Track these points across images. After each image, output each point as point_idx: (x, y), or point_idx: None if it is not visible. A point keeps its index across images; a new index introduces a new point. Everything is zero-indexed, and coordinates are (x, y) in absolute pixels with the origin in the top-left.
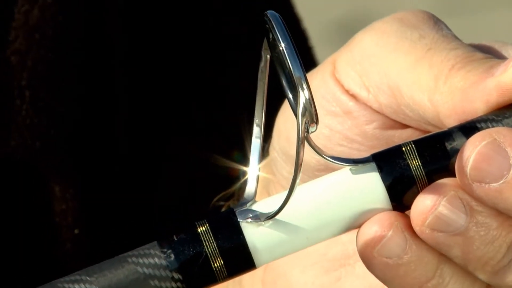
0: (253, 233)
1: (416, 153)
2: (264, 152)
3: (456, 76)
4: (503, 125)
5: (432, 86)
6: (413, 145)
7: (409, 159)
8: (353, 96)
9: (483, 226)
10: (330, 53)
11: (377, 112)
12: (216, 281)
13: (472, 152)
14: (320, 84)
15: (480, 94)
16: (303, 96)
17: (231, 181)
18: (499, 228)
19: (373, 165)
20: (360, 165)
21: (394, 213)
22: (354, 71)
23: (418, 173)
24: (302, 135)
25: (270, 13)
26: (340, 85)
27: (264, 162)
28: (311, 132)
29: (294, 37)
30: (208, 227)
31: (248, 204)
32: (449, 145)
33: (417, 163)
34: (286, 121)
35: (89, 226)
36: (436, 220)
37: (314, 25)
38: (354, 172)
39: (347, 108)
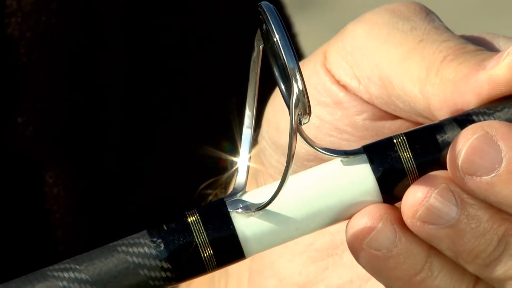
0: (243, 224)
1: (407, 145)
2: (252, 141)
3: (447, 68)
4: (495, 118)
5: (423, 78)
6: (404, 137)
7: (400, 151)
8: (344, 87)
9: (474, 219)
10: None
11: (368, 103)
12: (205, 270)
13: (464, 145)
14: (311, 74)
15: (471, 87)
16: (296, 87)
17: (221, 171)
18: (490, 220)
19: (364, 157)
20: (351, 157)
21: (384, 205)
22: (345, 62)
23: (409, 165)
24: (295, 126)
25: (264, 4)
26: (331, 75)
27: (253, 151)
28: (304, 124)
29: None
30: (198, 217)
31: (238, 194)
32: (440, 138)
33: (408, 155)
34: (276, 111)
35: (81, 213)
36: (427, 212)
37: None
38: (345, 164)
39: (337, 99)
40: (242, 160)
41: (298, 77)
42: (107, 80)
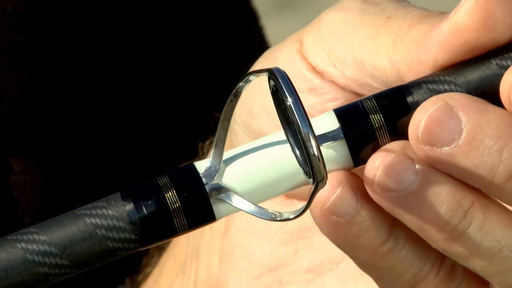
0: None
1: (376, 106)
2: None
3: (412, 32)
4: (459, 82)
5: (391, 48)
6: (373, 100)
7: (370, 113)
8: (320, 73)
9: (435, 188)
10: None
11: (343, 89)
12: (177, 233)
13: (424, 115)
14: (286, 60)
15: (435, 40)
16: (312, 152)
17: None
18: (453, 191)
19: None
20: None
21: (346, 172)
22: (321, 49)
23: (378, 126)
24: (312, 191)
25: (275, 69)
26: (307, 62)
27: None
28: (321, 188)
29: (244, 16)
30: (169, 181)
31: (210, 159)
32: (409, 99)
33: (378, 117)
34: (250, 95)
35: (49, 201)
36: (385, 177)
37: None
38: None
39: (312, 85)
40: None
41: (313, 143)
42: (79, 68)
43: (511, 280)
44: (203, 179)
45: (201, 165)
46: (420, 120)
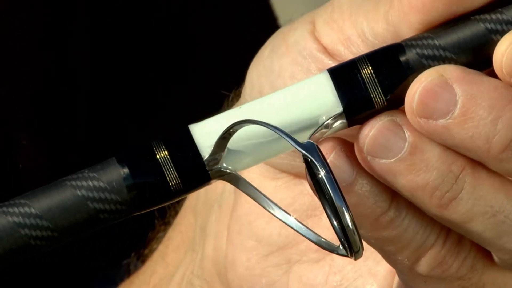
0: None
1: (368, 63)
2: (229, 101)
3: None
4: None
5: (387, 9)
6: (366, 59)
7: (363, 72)
8: (331, 54)
9: (424, 152)
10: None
11: None
12: (172, 196)
13: (418, 88)
14: (298, 40)
15: None
16: (346, 225)
17: None
18: (443, 156)
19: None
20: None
21: (339, 139)
22: (332, 30)
23: (370, 82)
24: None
25: (307, 144)
26: (320, 43)
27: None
28: (358, 258)
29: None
30: (163, 144)
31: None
32: (402, 58)
33: (369, 72)
34: (260, 75)
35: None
36: (373, 144)
37: None
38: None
39: (323, 66)
40: None
41: (346, 215)
42: (77, 59)
43: (507, 245)
44: (197, 144)
45: (196, 128)
46: (414, 93)
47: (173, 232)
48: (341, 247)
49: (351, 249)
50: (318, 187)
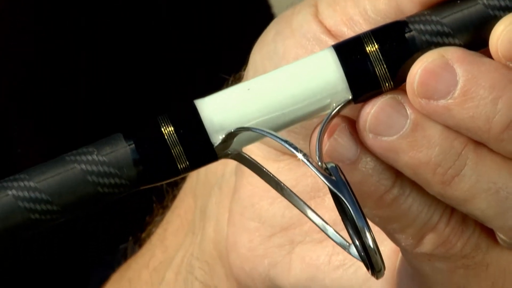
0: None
1: (374, 41)
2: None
3: None
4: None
5: None
6: (371, 34)
7: (368, 47)
8: (334, 36)
9: (427, 131)
10: None
11: None
12: (179, 173)
13: (419, 68)
14: (301, 23)
15: None
16: (368, 245)
17: None
18: (443, 133)
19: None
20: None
21: (343, 117)
22: (335, 11)
23: (376, 59)
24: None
25: (330, 167)
26: (323, 26)
27: None
28: (380, 278)
29: None
30: (169, 119)
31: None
32: (408, 35)
33: (374, 48)
34: (263, 58)
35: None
36: (375, 122)
37: None
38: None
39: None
40: None
41: (368, 236)
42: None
43: (510, 223)
44: (204, 121)
45: (203, 104)
46: (415, 74)
47: (172, 215)
48: (353, 248)
49: (373, 268)
50: (338, 204)
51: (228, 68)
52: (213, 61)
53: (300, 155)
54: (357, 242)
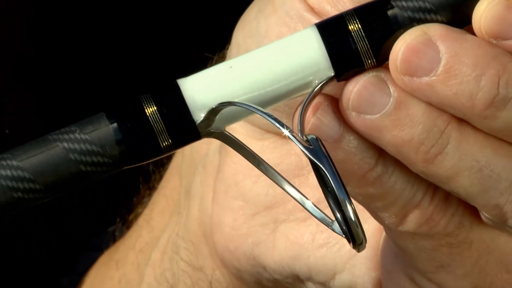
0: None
1: (357, 19)
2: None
3: None
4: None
5: None
6: (353, 12)
7: (351, 25)
8: (317, 14)
9: (409, 109)
10: None
11: None
12: (161, 152)
13: (402, 45)
14: (284, 1)
15: None
16: (349, 217)
17: None
18: (426, 111)
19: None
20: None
21: (326, 95)
22: None
23: (358, 37)
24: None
25: (311, 138)
26: (306, 3)
27: None
28: (361, 250)
29: None
30: (151, 98)
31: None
32: (390, 13)
33: (357, 27)
34: (246, 37)
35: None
36: (358, 100)
37: None
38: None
39: (309, 25)
40: None
41: (349, 208)
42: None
43: (493, 200)
44: (187, 100)
45: (185, 83)
46: (398, 51)
47: (158, 195)
48: (337, 225)
49: (354, 241)
50: (319, 177)
51: (212, 47)
52: (198, 40)
53: (281, 128)
54: (338, 215)
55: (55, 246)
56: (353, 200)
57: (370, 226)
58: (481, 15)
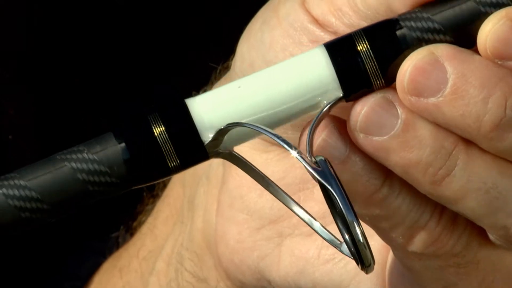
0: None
1: (365, 39)
2: (217, 74)
3: None
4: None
5: None
6: (362, 33)
7: (359, 45)
8: (322, 25)
9: (417, 131)
10: None
11: None
12: (170, 172)
13: (409, 65)
14: (289, 12)
15: None
16: (358, 239)
17: None
18: (434, 133)
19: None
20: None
21: (332, 116)
22: (321, 1)
23: (367, 57)
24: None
25: (319, 160)
26: (310, 15)
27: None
28: (370, 272)
29: None
30: (159, 118)
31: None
32: (399, 33)
33: (366, 47)
34: (251, 48)
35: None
36: (366, 121)
37: None
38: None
39: (314, 37)
40: None
41: (357, 230)
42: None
43: (500, 221)
44: (195, 120)
45: (193, 103)
46: (405, 71)
47: (162, 204)
48: (345, 246)
49: (363, 263)
50: (327, 199)
51: (217, 57)
52: (203, 49)
53: (290, 149)
54: (346, 237)
55: (59, 250)
56: (360, 220)
57: (377, 243)
58: (486, 36)
